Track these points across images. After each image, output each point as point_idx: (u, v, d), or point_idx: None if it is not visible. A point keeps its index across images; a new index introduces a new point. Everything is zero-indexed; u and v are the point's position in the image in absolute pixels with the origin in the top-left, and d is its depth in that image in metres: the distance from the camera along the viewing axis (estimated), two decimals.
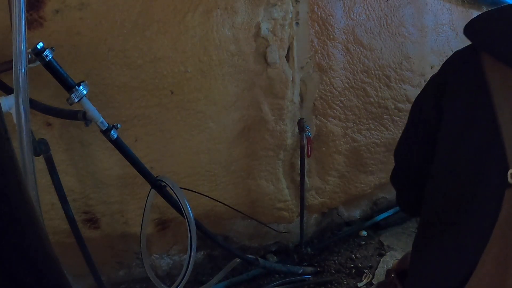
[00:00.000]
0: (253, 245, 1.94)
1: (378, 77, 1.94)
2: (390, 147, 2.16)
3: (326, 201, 2.03)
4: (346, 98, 1.86)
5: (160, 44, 1.38)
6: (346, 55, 1.79)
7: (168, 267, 1.80)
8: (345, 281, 1.81)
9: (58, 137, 1.39)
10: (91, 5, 1.26)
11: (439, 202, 0.71)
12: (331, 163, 1.95)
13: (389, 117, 2.08)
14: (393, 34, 1.94)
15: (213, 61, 1.48)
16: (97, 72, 1.33)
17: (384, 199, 2.35)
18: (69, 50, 1.27)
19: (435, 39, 2.16)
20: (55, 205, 1.42)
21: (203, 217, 1.72)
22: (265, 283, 1.79)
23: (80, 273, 1.50)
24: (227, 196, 1.73)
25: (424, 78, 2.16)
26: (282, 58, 1.61)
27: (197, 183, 1.64)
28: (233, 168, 1.70)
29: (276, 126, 1.69)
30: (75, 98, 1.09)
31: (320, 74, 1.73)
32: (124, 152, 1.27)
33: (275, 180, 1.81)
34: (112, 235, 1.62)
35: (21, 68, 0.88)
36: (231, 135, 1.63)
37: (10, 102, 0.98)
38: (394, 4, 1.91)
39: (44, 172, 1.29)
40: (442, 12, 2.18)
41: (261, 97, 1.62)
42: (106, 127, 1.19)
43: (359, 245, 2.07)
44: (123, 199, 1.57)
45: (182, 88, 1.47)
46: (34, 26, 1.21)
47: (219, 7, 1.45)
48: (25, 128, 0.91)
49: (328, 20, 1.69)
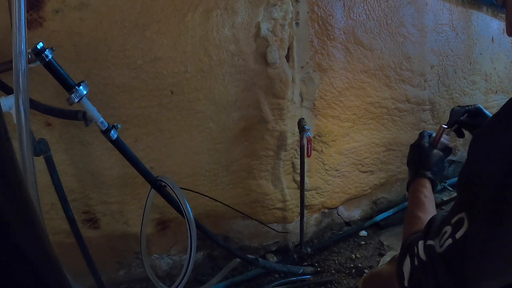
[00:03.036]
0: (253, 245, 1.94)
1: (378, 77, 1.94)
2: (390, 147, 2.16)
3: (326, 201, 2.03)
4: (346, 98, 1.86)
5: (160, 44, 1.38)
6: (346, 55, 1.80)
7: (168, 267, 1.80)
8: (345, 281, 1.81)
9: (58, 137, 1.39)
10: (91, 5, 1.26)
11: None
12: (331, 163, 1.95)
13: (389, 117, 2.08)
14: (393, 34, 1.94)
15: (213, 61, 1.49)
16: (97, 72, 1.33)
17: (384, 199, 2.35)
18: (69, 50, 1.27)
19: (435, 39, 2.16)
20: (55, 205, 1.42)
21: (203, 217, 1.72)
22: (265, 283, 1.79)
23: (80, 273, 1.50)
24: (227, 196, 1.73)
25: (424, 78, 2.16)
26: (282, 58, 1.61)
27: (197, 183, 1.64)
28: (233, 168, 1.70)
29: (276, 126, 1.69)
30: (75, 98, 1.08)
31: (320, 74, 1.73)
32: (124, 152, 1.27)
33: (275, 180, 1.81)
34: (112, 235, 1.62)
35: (21, 68, 0.88)
36: (231, 135, 1.63)
37: (10, 102, 0.98)
38: (394, 4, 1.91)
39: (44, 172, 1.29)
40: (442, 12, 2.18)
41: (261, 97, 1.62)
42: (106, 127, 1.19)
43: (359, 245, 2.07)
44: (123, 199, 1.57)
45: (182, 88, 1.47)
46: (34, 26, 1.21)
47: (219, 7, 1.45)
48: (25, 128, 0.91)
49: (328, 20, 1.69)
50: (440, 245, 0.58)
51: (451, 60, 2.30)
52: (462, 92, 2.47)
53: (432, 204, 0.84)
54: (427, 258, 0.60)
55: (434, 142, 0.99)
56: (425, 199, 0.84)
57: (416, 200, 0.86)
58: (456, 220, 0.58)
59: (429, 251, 0.60)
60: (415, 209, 0.84)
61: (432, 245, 0.61)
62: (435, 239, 0.61)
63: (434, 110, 2.31)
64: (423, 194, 0.86)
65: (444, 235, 0.59)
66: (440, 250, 0.58)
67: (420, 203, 0.84)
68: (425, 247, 0.62)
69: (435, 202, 0.87)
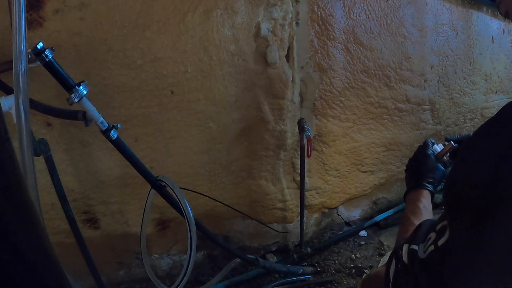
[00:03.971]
0: (253, 245, 1.94)
1: (378, 77, 1.94)
2: (390, 147, 2.16)
3: (326, 201, 2.03)
4: (346, 98, 1.86)
5: (160, 44, 1.38)
6: (346, 55, 1.80)
7: (168, 267, 1.80)
8: (345, 281, 1.81)
9: (58, 137, 1.39)
10: (91, 5, 1.26)
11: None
12: (331, 163, 1.95)
13: (389, 117, 2.08)
14: (393, 34, 1.94)
15: (213, 61, 1.49)
16: (97, 72, 1.33)
17: (384, 199, 2.35)
18: (69, 50, 1.27)
19: (435, 39, 2.16)
20: (55, 205, 1.42)
21: (203, 217, 1.72)
22: (265, 283, 1.79)
23: (80, 273, 1.50)
24: (227, 196, 1.73)
25: (424, 78, 2.16)
26: (282, 58, 1.61)
27: (197, 183, 1.64)
28: (233, 168, 1.70)
29: (276, 126, 1.69)
30: (75, 98, 1.09)
31: (320, 74, 1.73)
32: (124, 152, 1.27)
33: (275, 180, 1.81)
34: (112, 235, 1.62)
35: (21, 68, 0.88)
36: (231, 135, 1.63)
37: (10, 102, 0.98)
38: (394, 4, 1.91)
39: (44, 172, 1.29)
40: (442, 12, 2.18)
41: (261, 97, 1.62)
42: (106, 127, 1.19)
43: (359, 245, 2.07)
44: (123, 199, 1.57)
45: (182, 88, 1.47)
46: (34, 26, 1.21)
47: (219, 7, 1.45)
48: (25, 128, 0.91)
49: (328, 20, 1.69)
50: (424, 251, 0.58)
51: (451, 60, 2.30)
52: (462, 92, 2.47)
53: (429, 215, 0.84)
54: (409, 262, 0.60)
55: (438, 156, 0.98)
56: (423, 209, 0.85)
57: (414, 208, 0.86)
58: (440, 227, 0.58)
59: (411, 255, 0.60)
60: (411, 216, 0.84)
61: (415, 249, 0.61)
62: (420, 245, 0.61)
63: (434, 110, 2.31)
64: (422, 203, 0.86)
65: (428, 241, 0.59)
66: (423, 256, 0.58)
67: (418, 211, 0.84)
68: (408, 251, 0.62)
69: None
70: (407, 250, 0.62)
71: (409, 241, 0.64)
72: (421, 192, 0.90)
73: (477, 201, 0.50)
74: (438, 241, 0.56)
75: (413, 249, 0.61)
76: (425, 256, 0.57)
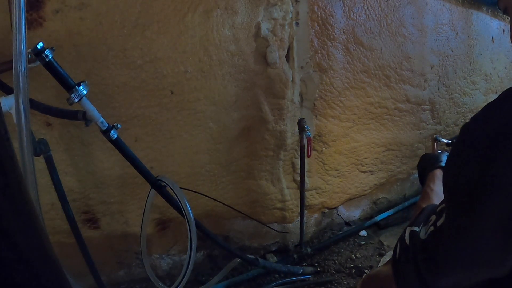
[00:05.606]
0: (253, 245, 1.94)
1: (378, 77, 1.94)
2: (390, 147, 2.16)
3: (326, 201, 2.03)
4: (346, 98, 1.86)
5: (160, 44, 1.38)
6: (346, 55, 1.80)
7: (168, 267, 1.80)
8: (345, 281, 1.81)
9: (58, 137, 1.39)
10: (91, 5, 1.26)
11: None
12: (331, 163, 1.95)
13: (389, 117, 2.08)
14: (393, 34, 1.94)
15: (213, 61, 1.49)
16: (97, 72, 1.33)
17: (384, 199, 2.35)
18: (69, 50, 1.27)
19: (435, 39, 2.16)
20: (55, 205, 1.42)
21: (203, 217, 1.72)
22: (265, 283, 1.79)
23: (80, 273, 1.50)
24: (227, 196, 1.73)
25: (424, 78, 2.16)
26: (282, 58, 1.61)
27: (197, 183, 1.64)
28: (233, 168, 1.70)
29: (276, 126, 1.69)
30: (75, 98, 1.08)
31: (320, 74, 1.73)
32: (124, 152, 1.27)
33: (275, 180, 1.81)
34: (112, 235, 1.62)
35: (21, 68, 0.88)
36: (231, 135, 1.63)
37: (10, 102, 0.98)
38: (394, 4, 1.91)
39: (44, 172, 1.29)
40: (442, 12, 2.18)
41: (261, 97, 1.62)
42: (106, 127, 1.19)
43: (359, 245, 2.07)
44: (123, 199, 1.57)
45: (182, 88, 1.47)
46: (34, 26, 1.21)
47: (219, 7, 1.45)
48: (25, 128, 0.91)
49: (328, 20, 1.69)
50: (425, 233, 0.60)
51: (451, 60, 2.30)
52: (462, 92, 2.47)
53: (437, 196, 0.87)
54: (410, 243, 0.62)
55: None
56: (431, 192, 0.88)
57: (423, 193, 0.90)
58: (440, 209, 0.60)
59: (412, 236, 0.62)
60: (420, 201, 0.88)
61: (416, 231, 0.63)
62: (422, 227, 0.63)
63: (434, 110, 2.31)
64: (429, 187, 0.90)
65: (429, 223, 0.61)
66: (424, 237, 0.60)
67: (425, 196, 0.88)
68: (410, 233, 0.64)
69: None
70: (409, 232, 0.65)
71: (411, 223, 0.67)
72: (431, 176, 0.93)
73: (469, 185, 0.52)
74: (437, 222, 0.58)
75: (414, 230, 0.63)
76: (425, 237, 0.59)
